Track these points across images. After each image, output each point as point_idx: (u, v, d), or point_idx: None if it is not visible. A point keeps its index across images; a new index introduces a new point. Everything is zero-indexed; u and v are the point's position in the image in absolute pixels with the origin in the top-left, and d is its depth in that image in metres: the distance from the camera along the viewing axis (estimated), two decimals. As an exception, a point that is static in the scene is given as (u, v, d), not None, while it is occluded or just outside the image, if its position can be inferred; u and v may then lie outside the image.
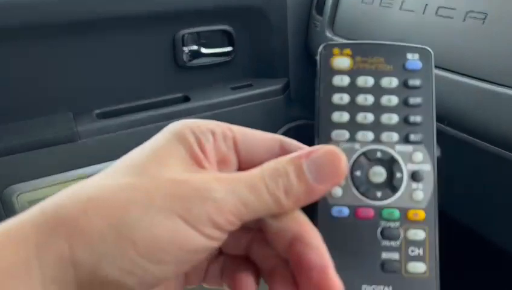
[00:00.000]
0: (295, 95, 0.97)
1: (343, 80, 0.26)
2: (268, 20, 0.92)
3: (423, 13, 0.66)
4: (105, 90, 0.86)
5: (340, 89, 0.26)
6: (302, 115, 0.98)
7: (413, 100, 0.26)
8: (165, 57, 0.88)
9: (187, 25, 0.88)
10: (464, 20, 0.60)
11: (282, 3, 0.91)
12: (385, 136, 0.26)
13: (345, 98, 0.26)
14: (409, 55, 0.27)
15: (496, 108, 0.59)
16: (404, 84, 0.26)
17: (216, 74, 0.93)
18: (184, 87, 0.90)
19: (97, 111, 0.85)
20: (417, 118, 0.26)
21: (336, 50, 0.27)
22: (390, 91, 0.26)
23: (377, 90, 0.26)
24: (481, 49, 0.58)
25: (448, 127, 0.69)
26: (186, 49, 0.88)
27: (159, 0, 0.82)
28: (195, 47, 0.89)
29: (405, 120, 0.26)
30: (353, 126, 0.26)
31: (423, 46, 0.27)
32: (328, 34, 0.86)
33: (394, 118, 0.26)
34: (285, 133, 0.96)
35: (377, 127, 0.26)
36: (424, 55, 0.27)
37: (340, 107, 0.26)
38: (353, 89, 0.26)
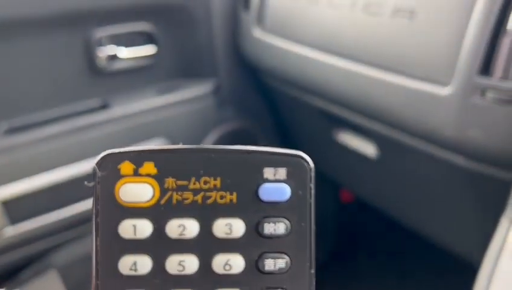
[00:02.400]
0: (228, 96, 0.91)
1: None
2: (192, 17, 0.85)
3: (351, 10, 0.62)
4: (13, 103, 0.77)
5: None
6: (236, 115, 0.93)
7: None
8: (79, 62, 0.80)
9: (102, 25, 0.79)
10: (392, 17, 0.56)
11: (206, -2, 0.85)
12: None
13: None
14: None
15: (422, 105, 0.56)
16: None
17: (139, 77, 0.86)
18: (103, 94, 0.82)
19: (4, 126, 0.76)
20: None
21: None
22: None
23: None
24: (409, 46, 0.55)
25: (383, 126, 0.66)
26: (102, 51, 0.80)
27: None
28: (113, 48, 0.81)
29: None
30: None
31: None
32: (256, 33, 0.80)
33: None
34: (218, 140, 0.90)
35: None
36: None
37: None
38: None
